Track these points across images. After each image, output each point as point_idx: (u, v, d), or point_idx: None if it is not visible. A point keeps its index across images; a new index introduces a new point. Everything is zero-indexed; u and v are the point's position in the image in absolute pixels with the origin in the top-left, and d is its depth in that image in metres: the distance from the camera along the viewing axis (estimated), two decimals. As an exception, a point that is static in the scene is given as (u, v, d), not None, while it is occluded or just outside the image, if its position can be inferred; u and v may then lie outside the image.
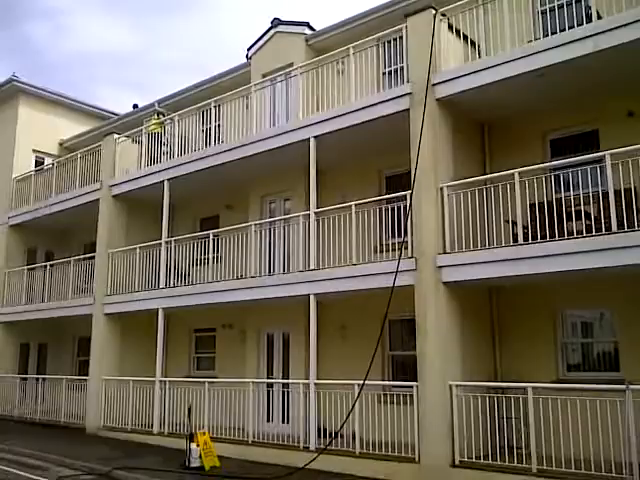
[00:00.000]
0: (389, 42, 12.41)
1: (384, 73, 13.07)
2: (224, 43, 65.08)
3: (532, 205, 9.89)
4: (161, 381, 14.88)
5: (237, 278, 13.75)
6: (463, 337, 10.51)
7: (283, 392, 13.13)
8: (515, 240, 9.96)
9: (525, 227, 9.79)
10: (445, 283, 10.31)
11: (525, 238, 9.66)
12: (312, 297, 12.08)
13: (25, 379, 19.71)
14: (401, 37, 11.80)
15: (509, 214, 10.00)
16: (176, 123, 16.30)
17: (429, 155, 10.66)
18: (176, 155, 15.99)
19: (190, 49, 68.46)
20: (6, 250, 21.28)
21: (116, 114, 22.75)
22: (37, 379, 19.14)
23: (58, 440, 15.27)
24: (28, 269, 20.30)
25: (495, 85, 10.26)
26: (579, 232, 9.26)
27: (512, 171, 9.79)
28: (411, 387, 10.43)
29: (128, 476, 10.97)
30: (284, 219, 13.83)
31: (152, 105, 19.08)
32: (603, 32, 9.10)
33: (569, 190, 9.42)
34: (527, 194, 9.72)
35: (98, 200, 17.94)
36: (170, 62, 67.26)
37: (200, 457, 11.40)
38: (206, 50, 66.80)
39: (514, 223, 10.05)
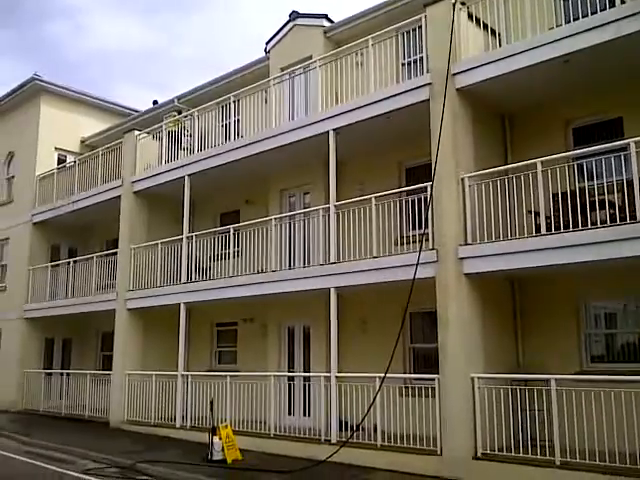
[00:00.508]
0: (408, 32, 12.30)
1: (403, 64, 12.99)
2: (241, 39, 65.20)
3: (555, 195, 9.76)
4: (183, 375, 14.98)
5: (257, 272, 13.78)
6: (485, 329, 10.42)
7: (304, 385, 13.13)
8: (538, 231, 9.83)
9: (548, 217, 9.66)
10: (467, 275, 10.22)
11: (548, 228, 9.53)
12: (332, 290, 12.06)
13: (50, 374, 19.98)
14: (420, 27, 11.71)
15: (531, 204, 9.87)
16: (196, 119, 16.35)
17: (449, 146, 10.57)
18: (196, 151, 16.04)
19: (207, 45, 68.77)
20: (30, 247, 21.58)
21: (136, 111, 22.93)
22: (62, 374, 19.43)
23: (83, 434, 15.47)
24: (52, 266, 20.55)
25: (516, 74, 10.11)
26: (603, 222, 9.10)
27: (534, 160, 9.65)
28: (433, 380, 10.37)
29: (151, 469, 11.04)
30: (304, 213, 13.83)
31: (172, 101, 19.18)
32: (627, 17, 8.91)
33: (593, 179, 9.28)
34: (550, 184, 9.57)
35: (120, 197, 18.11)
36: (188, 59, 67.64)
37: (222, 450, 11.45)
38: (223, 46, 67.06)
39: (537, 213, 9.92)
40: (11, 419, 18.67)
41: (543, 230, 9.54)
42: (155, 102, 20.75)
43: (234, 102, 15.36)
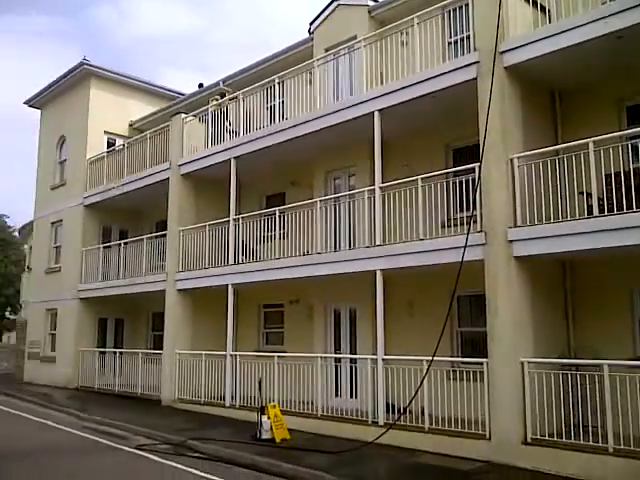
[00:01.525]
0: (454, 10, 11.99)
1: (449, 43, 12.69)
2: (286, 20, 64.86)
3: (608, 175, 9.42)
4: (232, 355, 15.23)
5: (303, 254, 13.83)
6: (535, 313, 10.24)
7: (351, 367, 13.19)
8: (590, 212, 9.53)
9: (600, 199, 9.37)
10: (516, 257, 10.03)
11: (601, 210, 9.24)
12: (378, 273, 12.02)
13: (104, 353, 20.60)
14: (467, 4, 11.43)
15: (583, 185, 9.59)
16: (240, 101, 16.39)
17: (498, 125, 10.33)
18: (242, 133, 16.11)
19: (252, 28, 68.67)
20: (83, 229, 22.18)
21: (182, 94, 23.14)
22: (115, 352, 19.98)
23: (135, 411, 15.94)
24: (104, 247, 21.07)
25: (567, 51, 9.75)
26: (658, 203, 8.79)
27: (586, 140, 9.35)
28: (481, 364, 10.27)
29: (201, 446, 11.31)
30: (349, 195, 13.78)
31: (217, 84, 19.27)
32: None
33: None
34: (602, 164, 9.26)
35: (168, 179, 18.38)
36: (232, 42, 67.75)
37: (271, 429, 11.64)
38: (268, 28, 66.82)
39: (589, 194, 9.64)
40: (68, 396, 19.40)
41: (595, 212, 9.25)
42: (201, 85, 20.88)
43: (279, 84, 15.33)
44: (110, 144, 22.99)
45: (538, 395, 9.44)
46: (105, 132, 23.08)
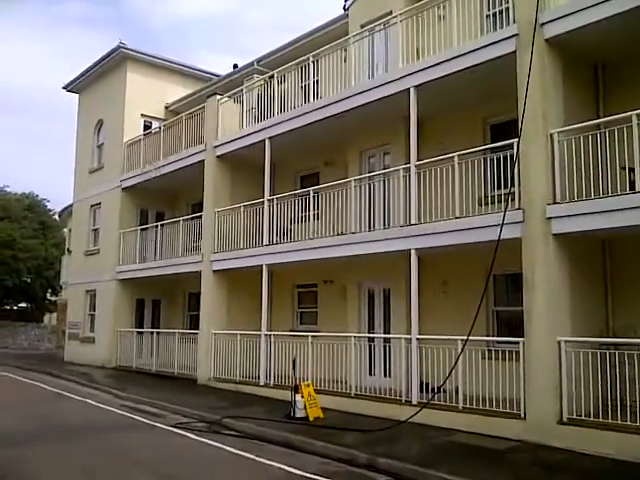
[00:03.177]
0: (493, -18, 11.72)
1: (488, 15, 12.36)
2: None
3: (651, 150, 9.12)
4: (266, 335, 15.29)
5: (337, 234, 13.77)
6: (573, 291, 10.01)
7: (384, 346, 13.13)
8: (632, 188, 9.23)
9: (643, 174, 9.06)
10: (555, 235, 9.80)
11: (644, 185, 8.95)
12: (413, 252, 11.90)
13: (141, 333, 20.94)
14: (506, -25, 11.13)
15: (625, 160, 9.29)
16: (275, 81, 16.34)
17: (538, 100, 10.06)
18: (276, 113, 16.07)
19: (286, 8, 68.43)
20: (120, 211, 22.50)
21: (217, 75, 23.18)
22: (152, 333, 20.29)
23: (172, 390, 16.16)
24: (141, 229, 21.37)
25: (612, 20, 9.39)
26: None
27: (629, 113, 9.04)
28: (517, 343, 10.10)
29: (237, 424, 11.40)
30: (383, 173, 13.64)
31: (251, 64, 19.25)
32: None
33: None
34: (646, 138, 8.95)
35: (203, 161, 18.48)
36: (266, 22, 67.63)
37: (304, 408, 11.66)
38: (303, 8, 66.50)
39: (631, 170, 9.33)
40: (106, 375, 19.79)
41: (638, 187, 8.96)
42: (235, 66, 20.90)
43: (313, 62, 15.21)
44: (146, 127, 23.22)
45: (575, 374, 9.23)
46: (142, 115, 23.33)
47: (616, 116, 9.45)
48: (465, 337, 10.52)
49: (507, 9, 11.38)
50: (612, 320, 10.69)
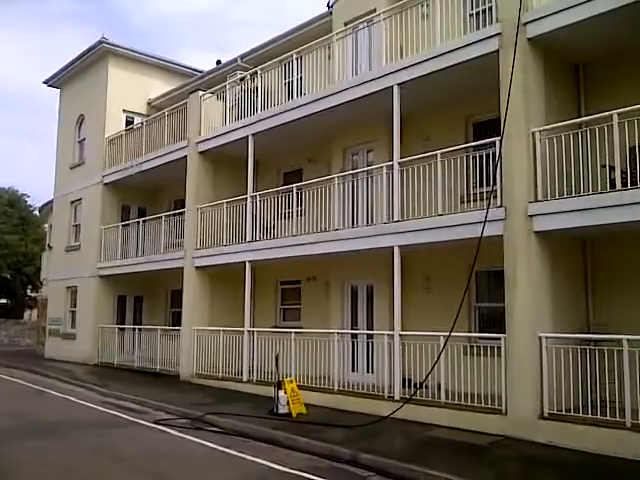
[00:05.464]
0: (476, -19, 11.79)
1: (471, 14, 12.42)
2: (305, -2, 64.48)
3: (632, 148, 9.22)
4: (249, 331, 15.29)
5: (321, 231, 13.79)
6: (554, 288, 10.14)
7: (368, 343, 13.19)
8: (613, 186, 9.36)
9: (624, 172, 9.18)
10: (536, 233, 9.91)
11: (624, 184, 9.05)
12: (396, 249, 11.96)
13: (123, 329, 20.81)
14: (489, -25, 11.20)
15: (606, 159, 9.41)
16: (259, 77, 16.30)
17: (520, 98, 10.15)
18: (259, 110, 16.04)
19: (270, 6, 68.29)
20: (102, 207, 22.34)
21: (200, 71, 23.07)
22: (134, 329, 20.18)
23: (154, 386, 16.10)
24: (122, 225, 21.23)
25: (594, 20, 9.50)
26: (684, 176, 8.61)
27: (610, 112, 9.15)
28: (499, 339, 10.21)
29: (219, 421, 11.39)
30: (367, 170, 13.69)
31: (235, 61, 19.19)
32: None
33: (674, 131, 8.74)
34: (626, 137, 9.06)
35: (186, 157, 18.40)
36: (249, 20, 67.43)
37: (287, 404, 11.69)
38: (285, 5, 66.41)
39: (612, 168, 9.47)
40: (88, 371, 19.66)
41: (618, 185, 9.08)
42: (219, 62, 20.82)
43: (297, 59, 15.21)
44: (129, 122, 23.05)
45: (556, 370, 9.36)
46: (123, 110, 23.14)
47: (597, 115, 9.59)
48: (447, 333, 10.61)
49: (490, 8, 11.45)
50: (592, 316, 10.84)
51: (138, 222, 20.54)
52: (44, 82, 26.37)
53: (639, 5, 9.03)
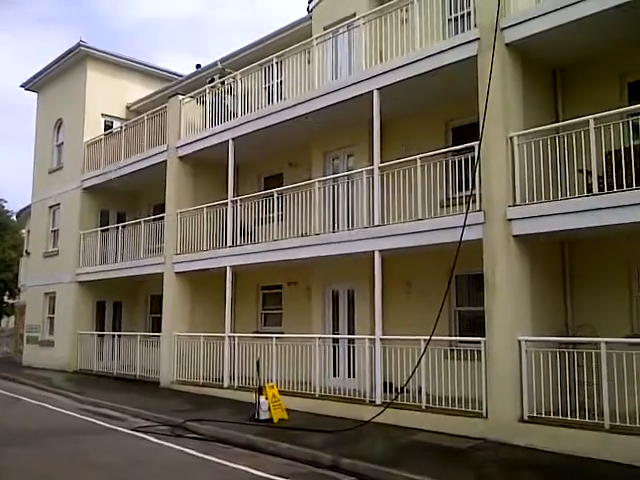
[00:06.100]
0: (455, -14, 11.88)
1: (450, 20, 12.52)
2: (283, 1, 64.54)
3: (608, 153, 9.34)
4: (230, 337, 15.20)
5: (301, 236, 13.77)
6: (533, 291, 10.20)
7: (349, 347, 13.18)
8: (590, 190, 9.46)
9: (600, 177, 9.28)
10: (515, 236, 9.98)
11: (600, 188, 9.16)
12: (377, 253, 11.97)
13: (102, 336, 20.60)
14: (468, -20, 11.28)
15: (583, 163, 9.51)
16: (239, 81, 16.26)
17: (498, 103, 10.23)
18: (239, 114, 15.99)
19: (251, 10, 68.30)
20: (80, 212, 22.12)
21: (180, 75, 22.98)
22: (113, 336, 19.98)
23: (134, 393, 15.94)
24: (102, 230, 21.00)
25: (570, 26, 9.61)
26: (659, 180, 8.71)
27: (586, 117, 9.26)
28: (479, 342, 10.25)
29: (200, 427, 11.30)
30: (347, 175, 13.69)
31: (215, 64, 19.10)
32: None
33: (649, 136, 8.86)
34: (603, 142, 9.18)
35: (165, 162, 18.28)
36: (229, 24, 67.36)
37: (269, 410, 11.63)
38: (266, 8, 66.45)
39: (589, 173, 9.56)
40: (66, 378, 19.44)
41: (595, 190, 9.18)
42: (198, 66, 20.72)
43: (277, 63, 15.19)
44: (107, 127, 22.87)
45: (535, 373, 9.41)
46: (102, 115, 22.96)
47: (574, 120, 9.68)
48: (428, 337, 10.63)
49: (469, 13, 11.54)
50: (571, 320, 10.92)
51: (117, 227, 20.34)
52: (21, 85, 26.11)
53: (612, 12, 9.17)
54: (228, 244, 15.62)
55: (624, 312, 10.39)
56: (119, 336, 19.67)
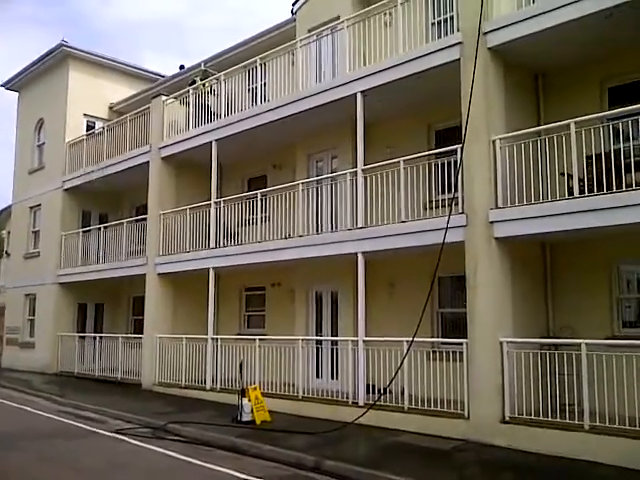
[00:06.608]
0: (438, -10, 11.96)
1: (433, 23, 12.61)
2: (268, 2, 64.53)
3: (589, 157, 9.48)
4: (213, 339, 15.15)
5: (285, 237, 13.77)
6: (514, 293, 10.29)
7: (332, 349, 13.19)
8: (570, 193, 9.58)
9: (581, 180, 9.41)
10: (497, 239, 10.06)
11: (581, 191, 9.28)
12: (360, 255, 12.00)
13: (83, 337, 20.41)
14: (450, -16, 11.37)
15: (564, 166, 9.63)
16: (222, 83, 16.23)
17: (480, 107, 10.31)
18: (223, 115, 15.96)
19: (233, 11, 68.21)
20: (62, 213, 21.92)
21: (163, 76, 22.88)
22: (95, 337, 19.81)
23: (115, 395, 15.83)
24: (83, 232, 20.85)
25: (552, 31, 9.71)
26: (638, 184, 8.84)
27: (568, 121, 9.36)
28: (461, 344, 10.32)
29: (182, 430, 11.25)
30: (331, 177, 13.72)
31: (198, 65, 19.04)
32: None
33: (629, 140, 9.00)
34: (583, 145, 9.30)
35: (148, 162, 18.18)
36: (213, 26, 67.24)
37: (252, 412, 11.60)
38: (250, 11, 66.42)
39: (569, 176, 9.67)
40: (47, 381, 19.24)
41: (576, 193, 9.30)
42: (182, 67, 20.66)
43: (261, 65, 15.18)
44: (90, 127, 22.69)
45: (517, 374, 9.48)
46: (84, 115, 22.79)
47: (555, 124, 9.79)
48: (410, 338, 10.68)
49: (452, 17, 11.64)
50: (552, 322, 11.04)
51: (99, 228, 20.20)
52: (2, 85, 25.79)
53: (592, 18, 9.30)
54: (211, 245, 15.57)
55: (604, 314, 10.53)
56: (101, 338, 19.51)
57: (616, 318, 10.53)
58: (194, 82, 17.55)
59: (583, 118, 9.31)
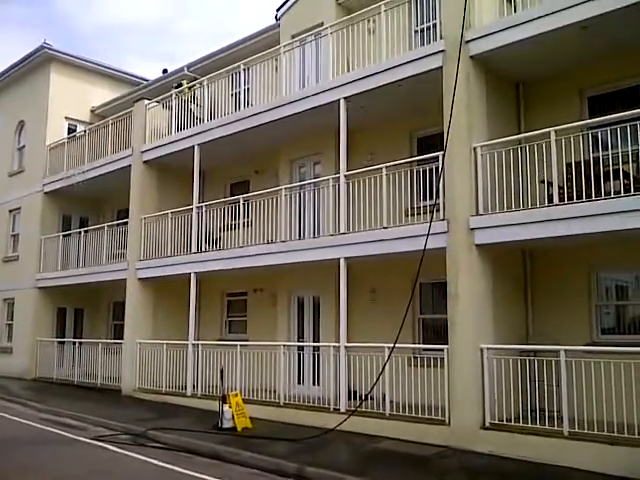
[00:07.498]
0: (421, -2, 12.05)
1: (416, 31, 12.71)
2: (251, 8, 64.46)
3: (568, 165, 9.57)
4: (194, 344, 15.07)
5: (267, 243, 13.75)
6: (495, 300, 10.36)
7: (314, 355, 13.17)
8: (550, 201, 9.66)
9: (561, 187, 9.52)
10: (478, 245, 10.13)
11: (561, 199, 9.38)
12: (342, 261, 12.02)
13: (62, 343, 20.20)
14: (434, -7, 11.46)
15: (544, 174, 9.72)
16: (205, 87, 16.20)
17: (462, 114, 10.39)
18: (206, 120, 15.92)
19: (217, 17, 68.09)
20: (41, 217, 21.69)
21: (146, 80, 22.75)
22: (74, 343, 19.60)
23: (95, 402, 15.66)
24: (63, 235, 20.64)
25: (532, 40, 9.85)
26: (617, 192, 8.93)
27: (548, 129, 9.48)
28: (442, 350, 10.36)
29: (162, 436, 11.15)
30: (314, 183, 13.74)
31: (181, 69, 18.98)
32: (647, -19, 8.63)
33: (607, 149, 9.12)
34: (563, 153, 9.40)
35: (130, 166, 18.06)
36: (197, 31, 67.05)
37: (232, 418, 11.54)
38: (234, 17, 66.35)
39: (549, 183, 9.76)
40: (25, 387, 18.98)
41: (556, 200, 9.39)
42: (165, 71, 20.55)
43: (244, 70, 15.18)
44: (71, 130, 22.51)
45: (497, 381, 9.56)
46: (66, 118, 22.59)
47: (536, 132, 9.90)
48: (392, 344, 10.70)
49: (434, 25, 11.73)
50: (532, 328, 11.13)
51: (80, 232, 20.00)
52: (-18, 87, 25.48)
53: (574, 27, 9.42)
54: (193, 250, 15.50)
55: (583, 321, 10.63)
56: (80, 343, 19.31)
57: (595, 325, 10.63)
58: (180, 85, 17.48)
59: (563, 126, 9.43)
